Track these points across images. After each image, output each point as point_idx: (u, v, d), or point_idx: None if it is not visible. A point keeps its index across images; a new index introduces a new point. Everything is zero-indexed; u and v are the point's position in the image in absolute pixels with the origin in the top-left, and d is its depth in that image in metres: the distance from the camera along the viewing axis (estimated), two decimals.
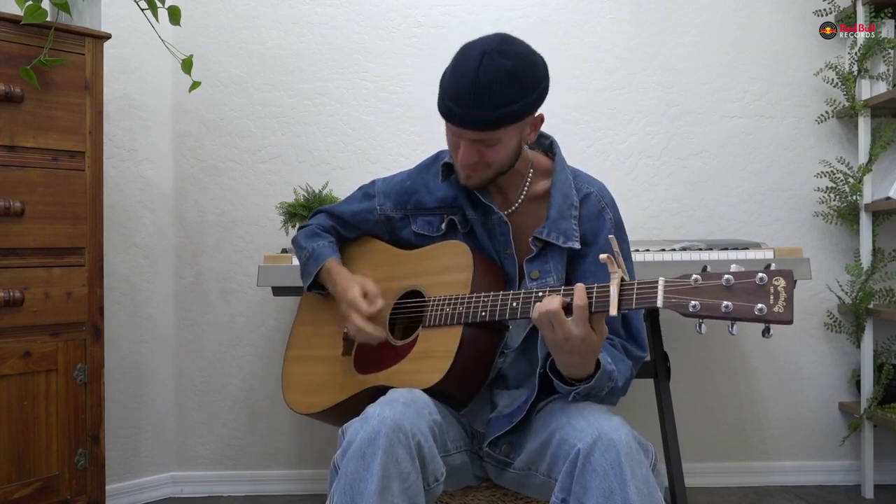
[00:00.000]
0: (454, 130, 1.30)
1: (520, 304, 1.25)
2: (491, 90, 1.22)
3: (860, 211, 2.37)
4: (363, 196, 1.59)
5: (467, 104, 1.23)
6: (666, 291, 1.07)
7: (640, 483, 1.06)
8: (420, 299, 1.41)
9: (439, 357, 1.30)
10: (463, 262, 1.36)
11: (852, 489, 2.41)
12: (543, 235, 1.35)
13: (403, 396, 1.20)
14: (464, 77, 1.23)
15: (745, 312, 1.00)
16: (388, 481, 1.08)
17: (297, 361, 1.58)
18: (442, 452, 1.25)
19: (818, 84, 2.45)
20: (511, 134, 1.30)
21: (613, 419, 1.14)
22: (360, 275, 1.50)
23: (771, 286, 0.99)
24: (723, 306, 1.01)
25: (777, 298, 0.99)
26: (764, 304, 0.99)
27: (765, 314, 0.99)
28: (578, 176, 1.44)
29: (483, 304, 1.29)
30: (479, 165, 1.33)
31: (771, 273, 1.00)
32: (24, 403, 1.74)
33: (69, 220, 1.80)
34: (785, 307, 0.98)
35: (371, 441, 1.10)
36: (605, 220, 1.40)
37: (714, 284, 1.03)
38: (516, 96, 1.24)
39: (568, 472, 1.10)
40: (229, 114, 2.45)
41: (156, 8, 1.90)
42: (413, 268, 1.46)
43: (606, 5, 2.47)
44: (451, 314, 1.32)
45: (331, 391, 1.46)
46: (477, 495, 1.42)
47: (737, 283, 1.02)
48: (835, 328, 2.45)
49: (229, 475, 2.44)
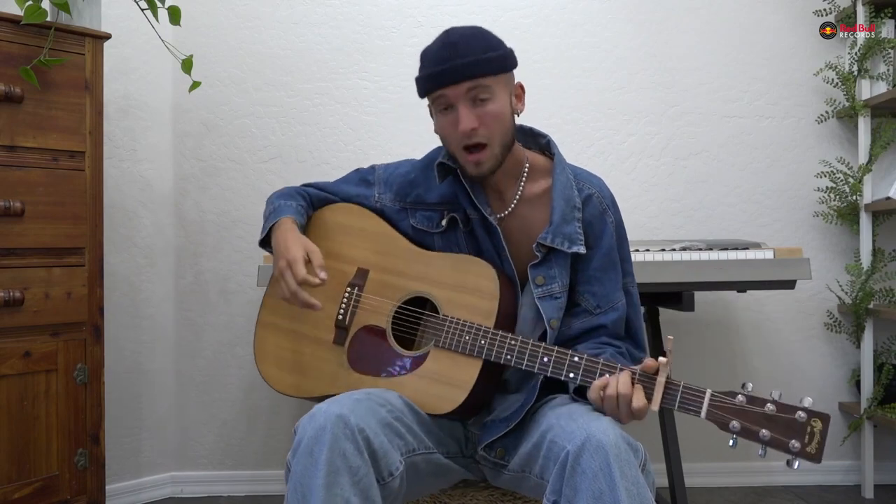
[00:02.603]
0: (447, 98, 1.29)
1: (552, 361, 1.24)
2: (467, 41, 1.28)
3: (860, 211, 2.37)
4: (360, 181, 1.55)
5: (450, 57, 1.27)
6: (710, 406, 1.14)
7: (629, 484, 1.06)
8: (434, 314, 1.36)
9: (455, 386, 1.29)
10: (489, 288, 1.33)
11: (852, 489, 2.41)
12: (548, 241, 1.33)
13: (360, 393, 1.21)
14: (437, 47, 1.30)
15: (780, 445, 1.09)
16: (336, 476, 1.09)
17: (275, 331, 1.50)
18: (423, 450, 1.25)
19: (818, 84, 2.45)
20: (501, 88, 1.31)
21: (602, 420, 1.13)
22: (358, 255, 1.46)
23: (809, 426, 1.08)
24: (761, 434, 1.10)
25: (811, 439, 1.08)
26: (798, 442, 1.08)
27: (797, 451, 1.08)
28: (579, 175, 1.41)
29: (510, 347, 1.27)
30: (482, 134, 1.29)
31: (810, 413, 1.08)
32: (24, 403, 1.74)
33: (69, 220, 1.81)
34: (817, 450, 1.07)
35: (317, 437, 1.10)
36: (606, 222, 1.38)
37: (756, 411, 1.11)
38: (494, 44, 1.30)
39: (558, 475, 1.10)
40: (229, 114, 2.45)
41: (156, 8, 1.90)
42: (428, 271, 1.40)
43: (606, 5, 2.47)
44: (471, 344, 1.30)
45: (318, 378, 1.42)
46: (476, 495, 1.42)
47: (778, 415, 1.10)
48: (835, 328, 2.45)
49: (229, 475, 2.44)
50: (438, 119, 1.34)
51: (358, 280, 1.46)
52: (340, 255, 1.49)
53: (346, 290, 1.46)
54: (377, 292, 1.44)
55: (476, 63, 1.26)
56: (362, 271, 1.47)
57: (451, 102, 1.29)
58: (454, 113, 1.30)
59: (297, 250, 1.35)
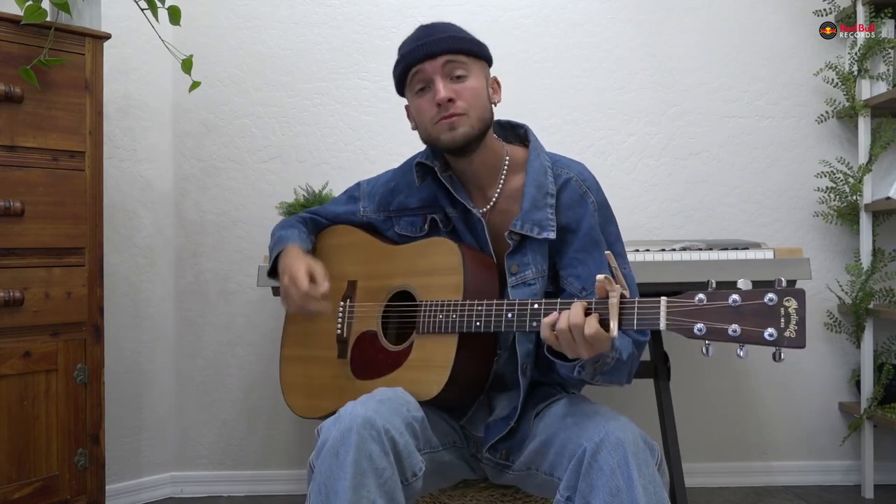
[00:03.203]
0: (424, 72, 1.33)
1: (515, 315, 1.22)
2: (445, 25, 1.36)
3: (860, 211, 2.37)
4: (348, 199, 1.60)
5: (428, 34, 1.33)
6: (669, 313, 1.01)
7: (646, 482, 1.06)
8: (412, 303, 1.39)
9: (437, 367, 1.29)
10: (453, 263, 1.33)
11: (852, 489, 2.41)
12: (518, 228, 1.33)
13: (381, 394, 1.20)
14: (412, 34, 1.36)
15: (754, 337, 0.95)
16: (363, 477, 1.08)
17: (294, 362, 1.57)
18: (428, 449, 1.25)
19: (818, 84, 2.45)
20: (477, 73, 1.35)
21: (620, 419, 1.13)
22: (347, 270, 1.50)
23: (781, 307, 0.93)
24: (730, 330, 0.96)
25: (788, 322, 0.93)
26: (774, 329, 0.93)
27: (775, 339, 0.93)
28: (558, 161, 1.40)
29: (477, 313, 1.26)
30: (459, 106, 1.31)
31: (781, 293, 0.94)
32: (24, 403, 1.74)
33: (69, 220, 1.81)
34: (797, 331, 0.93)
35: (343, 438, 1.10)
36: (587, 204, 1.36)
37: (720, 306, 0.97)
38: (467, 32, 1.37)
39: (574, 471, 1.10)
40: (229, 114, 2.45)
41: (156, 8, 1.90)
42: (403, 266, 1.44)
43: (606, 5, 2.47)
44: (444, 322, 1.30)
45: (331, 395, 1.46)
46: (475, 495, 1.42)
47: (745, 304, 0.96)
48: (835, 328, 2.45)
49: (229, 475, 2.44)
50: (415, 103, 1.37)
51: (349, 292, 1.50)
52: (334, 274, 1.53)
53: (341, 304, 1.50)
54: (365, 299, 1.47)
55: (452, 38, 1.33)
56: (352, 283, 1.51)
57: (429, 77, 1.32)
58: (431, 91, 1.33)
59: (300, 265, 1.40)
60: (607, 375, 1.22)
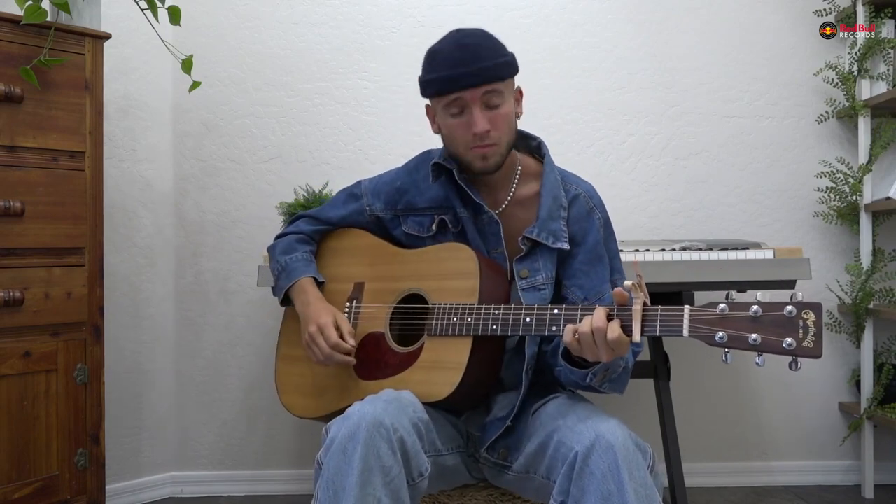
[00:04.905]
0: (463, 100, 1.31)
1: (534, 319, 1.24)
2: (480, 46, 1.31)
3: (860, 211, 2.37)
4: (349, 197, 1.58)
5: (468, 61, 1.29)
6: (692, 321, 1.06)
7: (637, 485, 1.06)
8: (423, 305, 1.39)
9: (449, 369, 1.29)
10: (469, 268, 1.35)
11: (852, 489, 2.41)
12: (533, 235, 1.36)
13: (388, 395, 1.21)
14: (451, 50, 1.31)
15: (773, 346, 0.99)
16: (370, 475, 1.09)
17: (290, 361, 1.57)
18: (433, 452, 1.25)
19: (818, 84, 2.45)
20: (509, 91, 1.35)
21: (610, 421, 1.14)
22: (354, 271, 1.50)
23: (800, 319, 0.99)
24: (751, 339, 1.01)
25: (806, 333, 0.98)
26: (793, 339, 0.98)
27: (794, 349, 0.98)
28: (567, 177, 1.45)
29: (494, 316, 1.28)
30: (493, 135, 1.33)
31: (800, 306, 0.99)
32: (24, 403, 1.74)
33: (69, 220, 1.81)
34: (814, 342, 0.98)
35: (351, 436, 1.11)
36: (593, 220, 1.41)
37: (741, 316, 1.02)
38: (502, 49, 1.34)
39: (566, 476, 1.10)
40: (229, 114, 2.45)
41: (156, 8, 1.90)
42: (414, 269, 1.44)
43: (606, 5, 2.47)
44: (459, 324, 1.31)
45: (332, 396, 1.46)
46: (475, 495, 1.43)
47: (765, 315, 1.01)
48: (835, 328, 2.45)
49: (229, 475, 2.44)
50: (447, 120, 1.36)
51: (355, 294, 1.50)
52: (338, 276, 1.54)
53: (346, 305, 1.50)
54: (373, 300, 1.47)
55: (494, 67, 1.31)
56: (358, 285, 1.51)
57: (466, 103, 1.32)
58: (466, 115, 1.32)
59: (327, 318, 1.42)
60: (614, 383, 1.27)
